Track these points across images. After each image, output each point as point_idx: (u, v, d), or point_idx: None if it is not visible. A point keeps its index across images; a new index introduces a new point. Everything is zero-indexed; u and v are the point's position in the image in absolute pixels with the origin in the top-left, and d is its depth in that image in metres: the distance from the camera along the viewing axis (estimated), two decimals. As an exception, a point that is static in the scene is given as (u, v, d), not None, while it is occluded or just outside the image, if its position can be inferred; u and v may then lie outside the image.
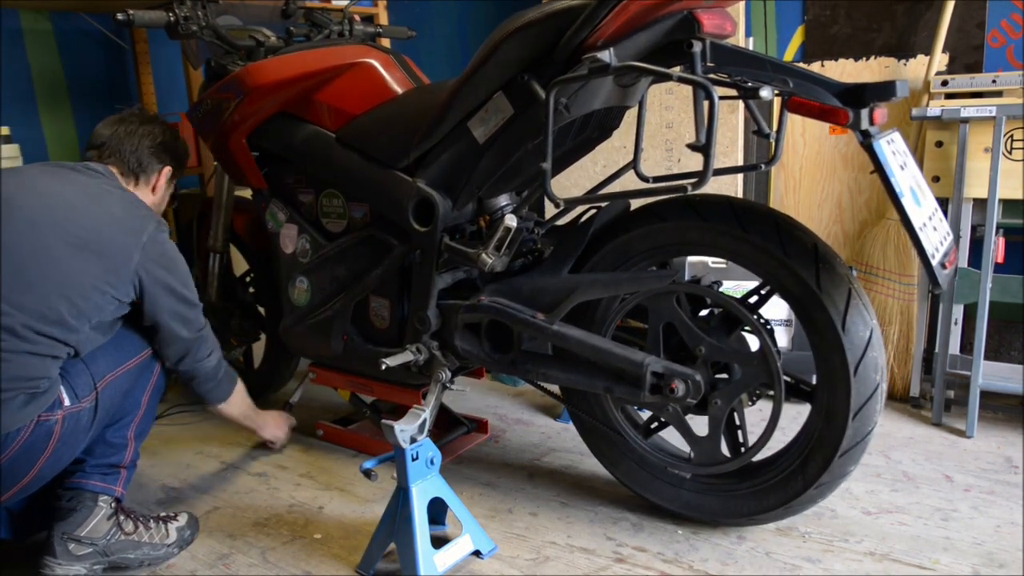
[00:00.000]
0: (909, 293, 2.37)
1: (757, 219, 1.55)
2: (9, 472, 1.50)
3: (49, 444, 1.52)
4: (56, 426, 1.52)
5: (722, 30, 1.38)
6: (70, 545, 1.60)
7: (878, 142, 1.35)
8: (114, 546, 1.65)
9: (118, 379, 1.66)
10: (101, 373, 1.62)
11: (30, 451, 1.50)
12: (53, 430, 1.51)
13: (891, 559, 1.62)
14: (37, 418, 1.48)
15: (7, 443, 1.46)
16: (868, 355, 1.49)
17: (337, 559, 1.71)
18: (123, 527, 1.67)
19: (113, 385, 1.64)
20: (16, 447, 1.47)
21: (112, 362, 1.65)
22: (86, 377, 1.59)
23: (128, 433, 1.72)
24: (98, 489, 1.65)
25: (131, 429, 1.72)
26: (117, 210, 1.64)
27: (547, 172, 1.45)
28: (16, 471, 1.51)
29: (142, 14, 1.84)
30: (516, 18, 1.51)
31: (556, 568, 1.64)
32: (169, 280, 1.67)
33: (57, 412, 1.52)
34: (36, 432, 1.49)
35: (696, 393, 1.58)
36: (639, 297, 1.67)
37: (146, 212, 1.70)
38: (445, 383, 1.83)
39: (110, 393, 1.64)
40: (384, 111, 1.86)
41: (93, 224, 1.57)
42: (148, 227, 1.65)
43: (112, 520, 1.65)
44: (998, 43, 2.29)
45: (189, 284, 1.74)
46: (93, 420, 1.60)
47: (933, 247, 1.37)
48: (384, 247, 1.90)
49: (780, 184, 2.66)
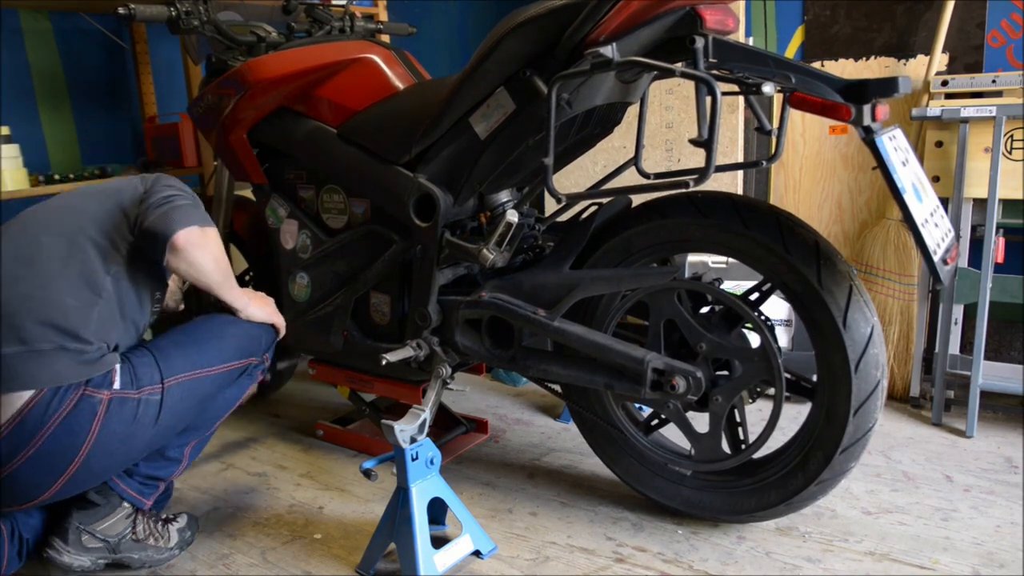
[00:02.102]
0: (909, 293, 2.37)
1: (759, 216, 1.55)
2: (51, 456, 1.42)
3: (93, 426, 1.43)
4: (101, 406, 1.44)
5: (724, 26, 1.38)
6: (83, 536, 1.60)
7: (880, 138, 1.36)
8: (123, 545, 1.65)
9: (194, 383, 1.58)
10: (173, 369, 1.55)
11: (73, 430, 1.42)
12: (97, 410, 1.43)
13: (891, 559, 1.62)
14: (82, 391, 1.41)
15: (48, 414, 1.39)
16: (869, 352, 1.49)
17: (337, 559, 1.70)
18: (136, 529, 1.67)
19: (186, 388, 1.56)
20: (57, 420, 1.40)
21: (188, 362, 1.58)
22: (151, 369, 1.53)
23: (186, 450, 1.68)
24: (130, 499, 1.64)
25: (190, 446, 1.68)
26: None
27: (549, 167, 1.45)
28: (58, 457, 1.43)
29: (143, 8, 1.84)
30: (518, 14, 1.51)
31: (556, 568, 1.64)
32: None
33: (103, 392, 1.44)
34: (80, 408, 1.41)
35: (697, 390, 1.58)
36: (640, 294, 1.67)
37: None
38: (445, 379, 1.82)
39: (182, 396, 1.56)
40: (386, 107, 1.86)
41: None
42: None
43: (129, 521, 1.65)
44: (998, 43, 2.29)
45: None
46: (157, 418, 1.52)
47: (935, 243, 1.37)
48: (385, 243, 1.90)
49: (780, 184, 2.66)
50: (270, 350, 1.80)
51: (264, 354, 1.77)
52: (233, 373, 1.68)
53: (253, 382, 1.77)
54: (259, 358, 1.75)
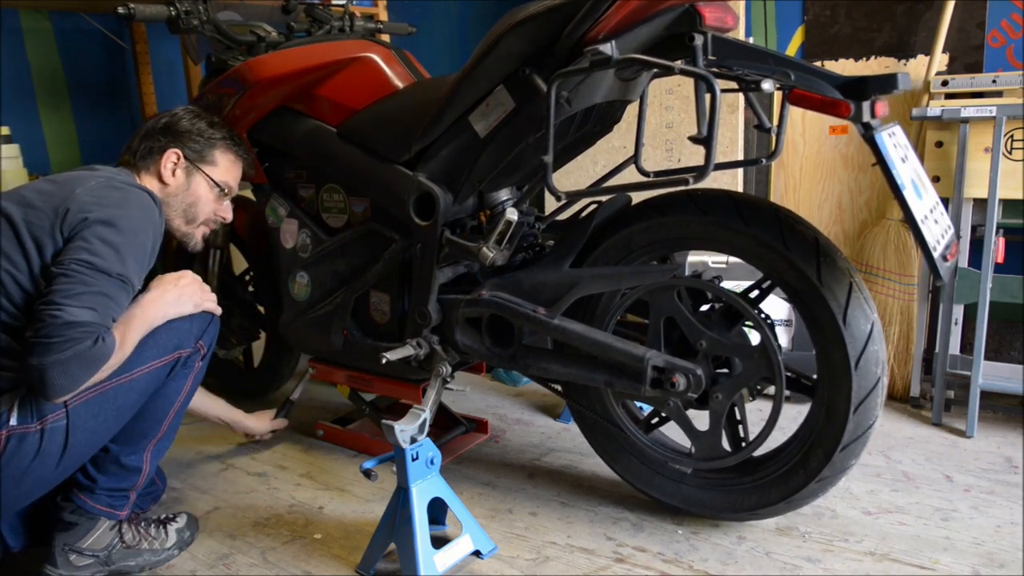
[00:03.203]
0: (909, 293, 2.37)
1: (758, 213, 1.55)
2: None
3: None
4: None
5: (723, 23, 1.38)
6: (71, 556, 1.57)
7: (880, 135, 1.36)
8: (115, 555, 1.62)
9: (106, 395, 1.43)
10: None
11: None
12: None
13: (891, 559, 1.61)
14: None
15: None
16: (869, 348, 1.49)
17: (337, 559, 1.70)
18: (124, 537, 1.64)
19: (97, 403, 1.43)
20: None
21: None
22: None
23: (145, 455, 1.59)
24: (102, 514, 1.58)
25: (148, 450, 1.59)
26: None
27: (548, 165, 1.45)
28: None
29: (143, 8, 1.84)
30: (518, 12, 1.51)
31: (556, 568, 1.63)
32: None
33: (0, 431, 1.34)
34: None
35: (697, 387, 1.57)
36: (640, 291, 1.67)
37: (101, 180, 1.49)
38: (445, 378, 1.82)
39: (94, 412, 1.43)
40: (385, 105, 1.86)
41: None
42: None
43: (114, 531, 1.62)
44: (998, 43, 2.29)
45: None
46: (65, 445, 1.40)
47: (935, 240, 1.37)
48: (385, 241, 1.90)
49: (780, 184, 2.66)
50: (205, 335, 1.63)
51: (198, 342, 1.60)
52: (158, 372, 1.52)
53: (192, 372, 1.61)
54: (191, 347, 1.58)
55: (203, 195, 1.72)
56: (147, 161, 1.67)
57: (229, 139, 1.77)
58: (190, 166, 1.69)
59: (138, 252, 1.44)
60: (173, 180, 1.68)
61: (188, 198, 1.70)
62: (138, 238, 1.44)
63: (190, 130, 1.70)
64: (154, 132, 1.69)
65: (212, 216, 1.76)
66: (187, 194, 1.70)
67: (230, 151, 1.77)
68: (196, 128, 1.71)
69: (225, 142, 1.75)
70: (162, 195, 1.66)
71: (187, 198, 1.70)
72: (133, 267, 1.41)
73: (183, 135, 1.69)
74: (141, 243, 1.45)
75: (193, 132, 1.70)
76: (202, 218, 1.74)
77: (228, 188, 1.77)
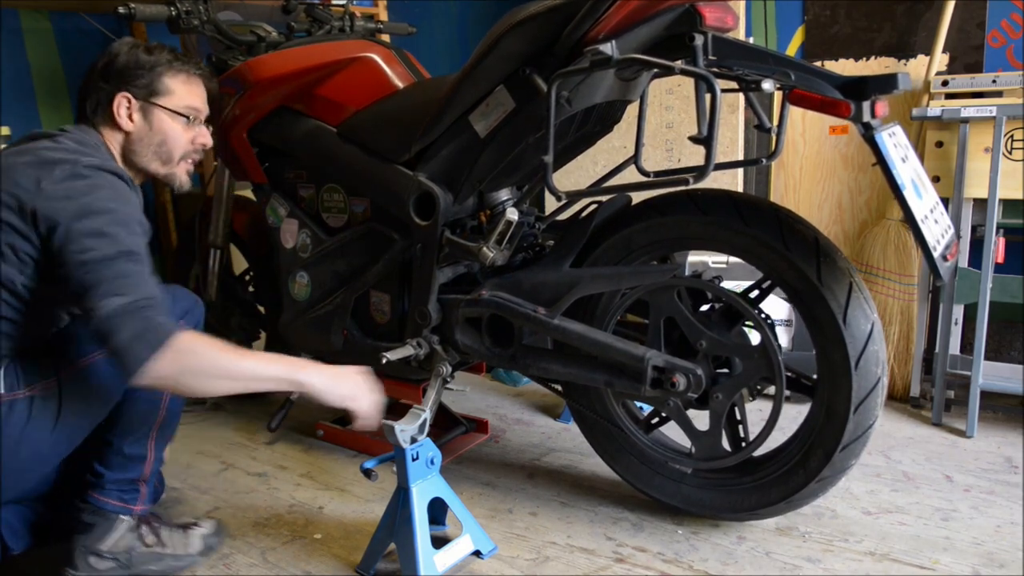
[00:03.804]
0: (909, 293, 2.37)
1: (758, 213, 1.55)
2: None
3: None
4: None
5: (723, 23, 1.38)
6: (91, 558, 1.54)
7: (880, 134, 1.36)
8: (136, 558, 1.58)
9: (93, 367, 1.42)
10: (68, 357, 1.40)
11: None
12: None
13: (891, 559, 1.61)
14: None
15: None
16: (869, 348, 1.49)
17: (337, 559, 1.70)
18: (144, 540, 1.60)
19: (87, 374, 1.41)
20: None
21: (86, 348, 1.42)
22: (45, 363, 1.38)
23: (148, 443, 1.57)
24: (116, 509, 1.56)
25: (151, 437, 1.57)
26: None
27: (549, 165, 1.45)
28: None
29: (144, 8, 1.84)
30: (518, 12, 1.51)
31: (556, 568, 1.63)
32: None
33: None
34: None
35: (697, 387, 1.57)
36: (640, 291, 1.67)
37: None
38: (445, 377, 1.82)
39: (82, 384, 1.41)
40: (385, 105, 1.86)
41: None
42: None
43: (134, 532, 1.59)
44: (998, 43, 2.29)
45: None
46: (58, 413, 1.40)
47: (935, 239, 1.37)
48: (385, 241, 1.90)
49: (780, 184, 2.66)
50: (188, 316, 1.61)
51: (180, 320, 1.55)
52: None
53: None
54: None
55: (169, 130, 1.57)
56: (100, 114, 1.54)
57: (174, 60, 1.58)
58: (144, 104, 1.54)
59: (123, 224, 1.37)
60: (132, 125, 1.54)
61: (155, 138, 1.57)
62: (117, 214, 1.37)
63: (129, 65, 1.53)
64: (94, 80, 1.55)
65: (190, 148, 1.61)
66: (152, 135, 1.56)
67: (180, 71, 1.58)
68: (135, 61, 1.54)
69: (171, 65, 1.57)
70: (127, 144, 1.56)
71: (154, 138, 1.57)
72: (127, 239, 1.36)
73: (124, 74, 1.53)
74: (123, 217, 1.38)
75: (132, 67, 1.54)
76: (179, 153, 1.60)
77: (194, 112, 1.60)
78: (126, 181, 1.45)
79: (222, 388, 1.39)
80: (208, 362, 1.36)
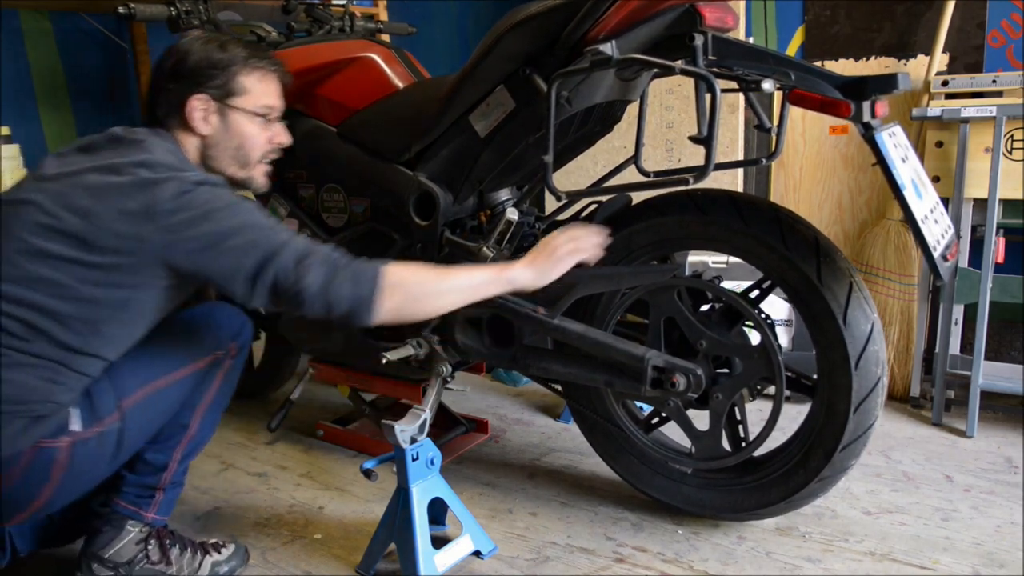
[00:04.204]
0: (909, 293, 2.37)
1: (758, 213, 1.55)
2: (10, 500, 1.34)
3: (53, 472, 1.33)
4: (61, 454, 1.33)
5: (723, 23, 1.38)
6: (93, 564, 1.51)
7: (880, 134, 1.36)
8: (136, 572, 1.54)
9: (153, 396, 1.43)
10: (129, 389, 1.40)
11: (32, 480, 1.33)
12: (56, 458, 1.32)
13: (891, 559, 1.61)
14: (38, 443, 1.30)
15: (1, 471, 1.30)
16: (869, 348, 1.49)
17: (337, 559, 1.70)
18: (150, 555, 1.55)
19: (146, 403, 1.42)
20: (15, 476, 1.30)
21: (145, 375, 1.43)
22: (108, 395, 1.37)
23: (174, 454, 1.54)
24: (127, 512, 1.52)
25: (179, 449, 1.54)
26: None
27: (549, 165, 1.45)
28: (19, 500, 1.35)
29: (144, 7, 1.84)
30: (518, 12, 1.51)
31: (556, 568, 1.63)
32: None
33: (62, 439, 1.32)
34: (37, 460, 1.31)
35: (697, 387, 1.57)
36: (640, 291, 1.67)
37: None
38: (445, 377, 1.82)
39: (142, 412, 1.42)
40: (385, 105, 1.86)
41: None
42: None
43: (140, 545, 1.54)
44: (998, 43, 2.29)
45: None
46: (118, 444, 1.40)
47: (935, 239, 1.37)
48: (385, 241, 1.89)
49: (780, 184, 2.66)
50: (239, 337, 1.59)
51: (230, 343, 1.56)
52: (199, 373, 1.51)
53: (221, 371, 1.56)
54: (224, 350, 1.55)
55: (247, 132, 1.49)
56: (173, 117, 1.46)
57: (249, 56, 1.49)
58: (220, 106, 1.46)
59: (253, 221, 1.34)
60: (208, 128, 1.46)
61: (233, 141, 1.49)
62: (242, 215, 1.34)
63: (202, 65, 1.45)
64: (164, 81, 1.46)
65: (267, 148, 1.54)
66: (230, 138, 1.48)
67: (255, 69, 1.50)
68: (208, 60, 1.45)
69: (246, 62, 1.48)
70: (204, 147, 1.48)
71: (232, 141, 1.49)
72: (270, 231, 1.34)
73: (197, 74, 1.44)
74: (249, 214, 1.35)
75: (206, 66, 1.45)
76: (257, 155, 1.53)
77: (270, 111, 1.53)
78: (217, 183, 1.39)
79: (445, 304, 1.41)
80: (424, 285, 1.38)
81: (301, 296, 1.31)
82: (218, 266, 1.31)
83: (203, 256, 1.31)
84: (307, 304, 1.31)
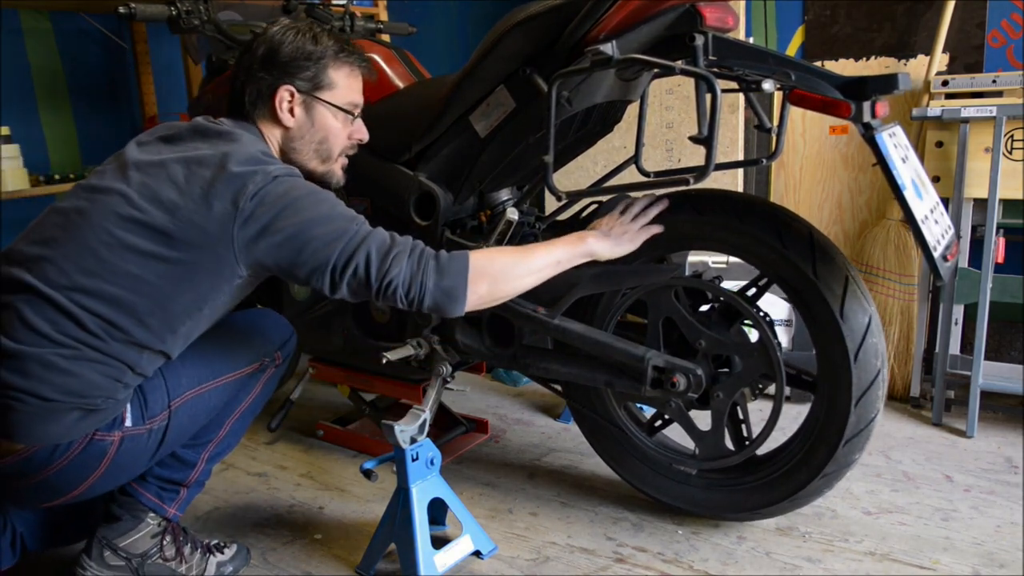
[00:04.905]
0: (909, 293, 2.37)
1: (754, 211, 1.55)
2: (55, 485, 1.36)
3: (102, 464, 1.36)
4: (111, 447, 1.35)
5: (724, 23, 1.38)
6: (106, 552, 1.51)
7: (880, 135, 1.36)
8: (148, 567, 1.54)
9: (200, 397, 1.45)
10: (180, 389, 1.42)
11: (80, 468, 1.35)
12: (107, 451, 1.35)
13: (891, 559, 1.62)
14: (92, 435, 1.33)
15: (55, 456, 1.31)
16: (867, 341, 1.49)
17: (337, 559, 1.70)
18: (164, 551, 1.56)
19: (193, 404, 1.44)
20: (64, 462, 1.32)
21: (196, 377, 1.45)
22: (160, 393, 1.40)
23: (203, 453, 1.55)
24: (150, 504, 1.53)
25: (207, 450, 1.56)
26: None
27: (549, 165, 1.45)
28: (62, 485, 1.37)
29: (144, 7, 1.84)
30: (518, 12, 1.51)
31: (556, 568, 1.63)
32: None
33: (115, 432, 1.35)
34: (88, 450, 1.33)
35: (697, 387, 1.58)
36: (640, 291, 1.67)
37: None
38: (446, 377, 1.82)
39: (188, 412, 1.44)
40: (386, 105, 1.86)
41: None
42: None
43: (156, 540, 1.55)
44: (998, 43, 2.29)
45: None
46: (161, 441, 1.42)
47: (935, 240, 1.37)
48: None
49: (780, 184, 2.66)
50: (284, 347, 1.62)
51: (276, 352, 1.60)
52: (245, 379, 1.54)
53: (262, 378, 1.59)
54: (270, 358, 1.59)
55: (331, 126, 1.50)
56: (260, 107, 1.46)
57: (340, 51, 1.50)
58: (307, 98, 1.47)
59: (334, 212, 1.35)
60: (294, 120, 1.47)
61: (317, 135, 1.50)
62: (324, 205, 1.35)
63: (294, 56, 1.45)
64: (254, 69, 1.45)
65: (347, 144, 1.55)
66: (314, 131, 1.49)
67: (344, 64, 1.50)
68: (301, 51, 1.45)
69: (336, 56, 1.49)
70: (286, 139, 1.49)
71: (316, 135, 1.50)
72: (351, 222, 1.35)
73: (289, 65, 1.44)
74: (329, 205, 1.36)
75: (299, 58, 1.45)
76: (338, 151, 1.54)
77: (355, 108, 1.54)
78: (295, 174, 1.40)
79: (529, 283, 1.43)
80: (508, 269, 1.40)
81: (389, 288, 1.32)
82: (302, 259, 1.31)
83: (286, 249, 1.31)
84: (396, 297, 1.32)
